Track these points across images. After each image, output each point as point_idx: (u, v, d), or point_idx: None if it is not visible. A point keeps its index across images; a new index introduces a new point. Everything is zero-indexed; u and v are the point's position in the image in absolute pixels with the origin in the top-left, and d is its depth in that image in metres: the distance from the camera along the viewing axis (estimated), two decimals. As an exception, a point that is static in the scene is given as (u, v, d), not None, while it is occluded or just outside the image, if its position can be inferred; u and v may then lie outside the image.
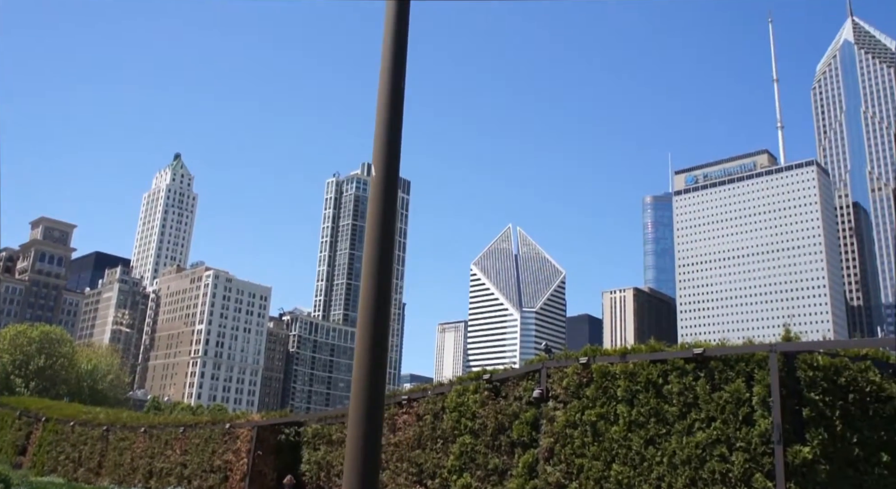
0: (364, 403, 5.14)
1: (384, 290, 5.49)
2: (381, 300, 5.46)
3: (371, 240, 5.61)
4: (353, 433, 5.12)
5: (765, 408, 10.16)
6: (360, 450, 5.02)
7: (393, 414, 15.93)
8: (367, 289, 5.59)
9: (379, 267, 5.53)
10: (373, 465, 5.08)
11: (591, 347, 12.72)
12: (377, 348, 5.35)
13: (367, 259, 5.62)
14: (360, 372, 5.31)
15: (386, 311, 5.47)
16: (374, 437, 5.14)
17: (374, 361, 5.29)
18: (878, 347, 11.11)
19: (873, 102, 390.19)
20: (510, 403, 13.46)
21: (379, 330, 5.38)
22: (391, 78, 5.87)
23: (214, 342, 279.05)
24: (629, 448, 11.46)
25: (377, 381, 5.25)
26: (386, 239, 5.60)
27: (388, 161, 5.72)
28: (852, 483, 9.64)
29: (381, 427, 5.30)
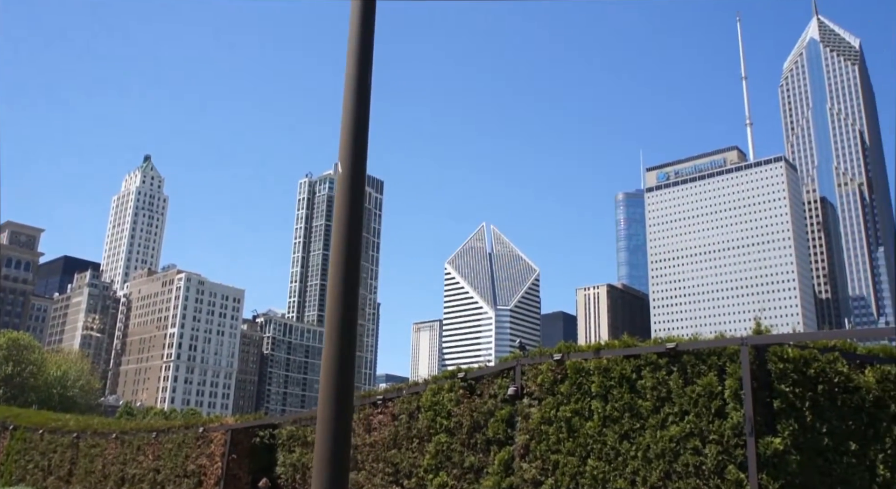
0: (333, 405, 5.09)
1: (351, 290, 5.43)
2: (349, 300, 5.40)
3: (338, 239, 5.55)
4: (321, 435, 5.06)
5: (737, 401, 10.25)
6: (328, 451, 4.97)
7: (368, 414, 15.85)
8: (334, 289, 5.53)
9: (346, 266, 5.48)
10: (342, 466, 5.02)
11: (564, 344, 12.76)
12: (345, 348, 5.29)
13: (335, 258, 5.56)
14: (328, 373, 5.26)
15: (353, 311, 5.40)
16: (343, 438, 5.09)
17: (343, 362, 5.23)
18: (845, 339, 11.28)
19: (839, 99, 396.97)
20: (485, 401, 13.45)
21: (346, 330, 5.32)
22: (357, 75, 5.82)
23: (187, 346, 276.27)
24: (604, 443, 11.50)
25: (345, 382, 5.20)
26: (353, 237, 5.55)
27: (355, 159, 5.67)
28: (822, 472, 9.77)
29: (350, 428, 5.25)
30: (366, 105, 5.76)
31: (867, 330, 29.02)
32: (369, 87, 5.82)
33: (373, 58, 5.92)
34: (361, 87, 5.79)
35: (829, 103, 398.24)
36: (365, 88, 5.79)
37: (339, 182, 5.66)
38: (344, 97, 5.76)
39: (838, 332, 12.00)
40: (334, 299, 5.51)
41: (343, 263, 5.50)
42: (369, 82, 5.82)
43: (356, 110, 5.72)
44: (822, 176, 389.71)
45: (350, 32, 5.98)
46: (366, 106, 5.76)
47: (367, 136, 5.76)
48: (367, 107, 5.78)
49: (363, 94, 5.78)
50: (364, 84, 5.79)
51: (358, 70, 5.82)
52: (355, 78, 5.80)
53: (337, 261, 5.55)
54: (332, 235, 5.64)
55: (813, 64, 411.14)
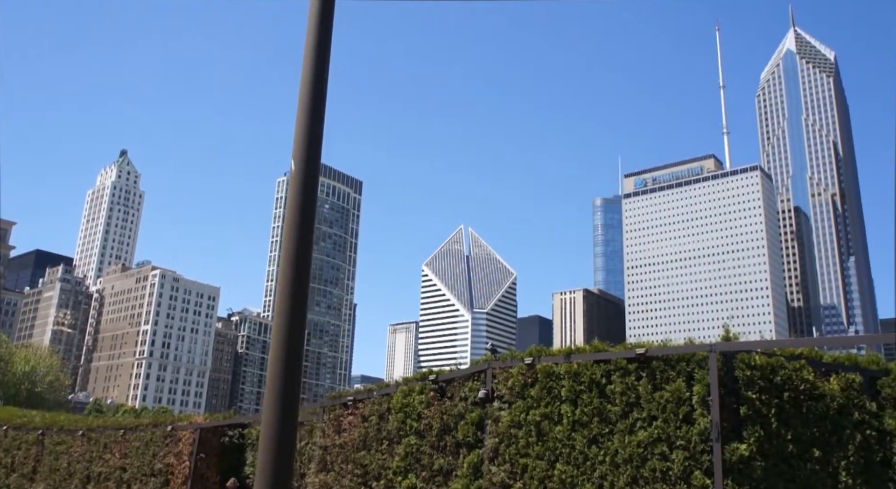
0: (278, 408, 4.98)
1: (300, 290, 5.34)
2: (297, 301, 5.31)
3: (289, 238, 5.45)
4: (265, 435, 4.97)
5: (704, 407, 10.32)
6: (272, 452, 4.88)
7: (338, 415, 15.78)
8: (284, 289, 5.43)
9: (296, 266, 5.39)
10: (286, 469, 4.93)
11: (536, 348, 12.77)
12: (292, 350, 5.19)
13: (285, 258, 5.46)
14: (274, 374, 5.16)
15: (302, 312, 5.31)
16: (289, 441, 4.99)
17: (289, 364, 5.14)
18: (812, 346, 11.40)
19: (814, 110, 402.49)
20: (456, 404, 13.44)
21: (295, 330, 5.23)
22: (312, 73, 5.76)
23: (160, 343, 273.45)
24: (573, 447, 11.53)
25: (291, 384, 5.11)
26: (304, 237, 5.46)
27: (308, 158, 5.59)
28: (786, 478, 9.87)
29: (295, 433, 5.17)
30: (321, 103, 5.69)
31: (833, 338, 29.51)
32: (325, 85, 5.74)
33: (329, 56, 5.85)
34: (317, 85, 5.72)
35: (805, 114, 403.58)
36: (320, 86, 5.72)
37: (292, 180, 5.60)
38: (299, 95, 5.69)
39: (805, 340, 12.10)
40: (283, 300, 5.42)
41: (293, 263, 5.42)
42: (325, 81, 5.75)
43: (310, 108, 5.65)
44: (797, 186, 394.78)
45: (308, 30, 5.91)
46: (321, 104, 5.69)
47: (322, 134, 5.69)
48: (323, 105, 5.71)
49: (318, 92, 5.71)
50: (319, 82, 5.72)
51: (314, 68, 5.75)
52: (311, 76, 5.73)
53: (287, 261, 5.46)
54: (284, 235, 5.56)
55: (789, 75, 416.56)
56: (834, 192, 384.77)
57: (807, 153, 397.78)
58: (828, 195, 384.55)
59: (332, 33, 5.92)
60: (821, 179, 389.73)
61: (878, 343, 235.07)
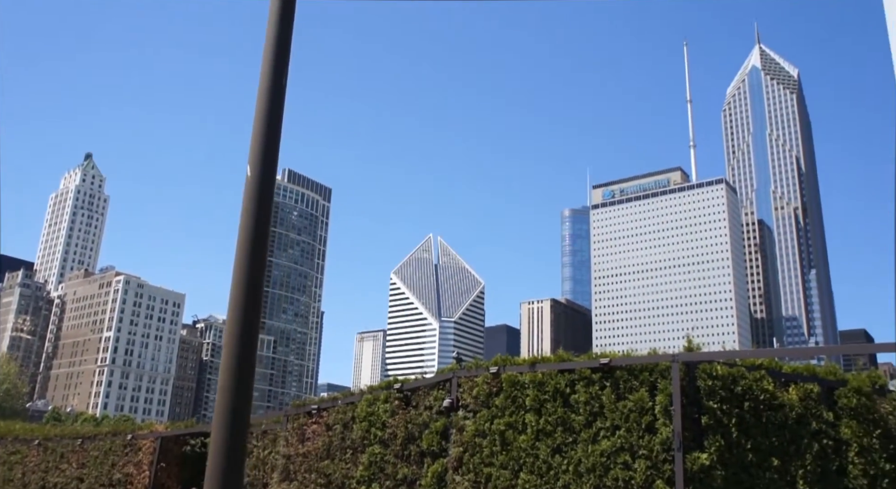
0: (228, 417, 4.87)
1: (254, 298, 5.24)
2: (251, 309, 5.19)
3: (242, 244, 5.36)
4: (215, 444, 4.87)
5: (666, 417, 10.41)
6: (222, 462, 4.79)
7: (302, 423, 15.63)
8: (236, 298, 5.29)
9: (249, 272, 5.29)
10: (236, 479, 4.84)
11: (501, 357, 12.80)
12: (245, 358, 5.07)
13: (238, 264, 5.35)
14: (224, 384, 5.06)
15: (255, 321, 5.20)
16: (239, 451, 4.89)
17: (241, 371, 5.03)
18: (772, 357, 11.59)
19: (777, 126, 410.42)
20: (420, 413, 13.40)
21: (247, 338, 5.12)
22: (271, 76, 5.70)
23: (123, 350, 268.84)
24: (536, 456, 11.55)
25: (243, 393, 4.99)
26: (258, 243, 5.38)
27: (265, 163, 5.52)
28: (745, 487, 9.99)
29: (245, 444, 5.07)
30: (278, 107, 5.63)
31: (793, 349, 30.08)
32: (283, 89, 5.69)
33: (288, 59, 5.81)
34: (275, 88, 5.66)
35: (769, 129, 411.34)
36: (278, 90, 5.66)
37: (247, 186, 5.52)
38: (257, 99, 5.63)
39: (765, 351, 12.30)
40: (235, 309, 5.31)
41: (247, 271, 5.32)
42: (283, 85, 5.70)
43: (268, 113, 5.59)
44: (761, 199, 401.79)
45: (267, 33, 5.86)
46: (279, 108, 5.64)
47: (279, 139, 5.62)
48: (281, 109, 5.65)
49: (276, 96, 5.65)
50: (277, 86, 5.67)
51: (271, 72, 5.70)
52: (268, 79, 5.67)
53: (240, 269, 5.35)
54: (237, 242, 5.46)
55: (754, 91, 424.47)
56: (796, 206, 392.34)
57: (770, 167, 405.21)
58: (790, 209, 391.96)
59: (290, 36, 5.86)
60: (784, 193, 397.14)
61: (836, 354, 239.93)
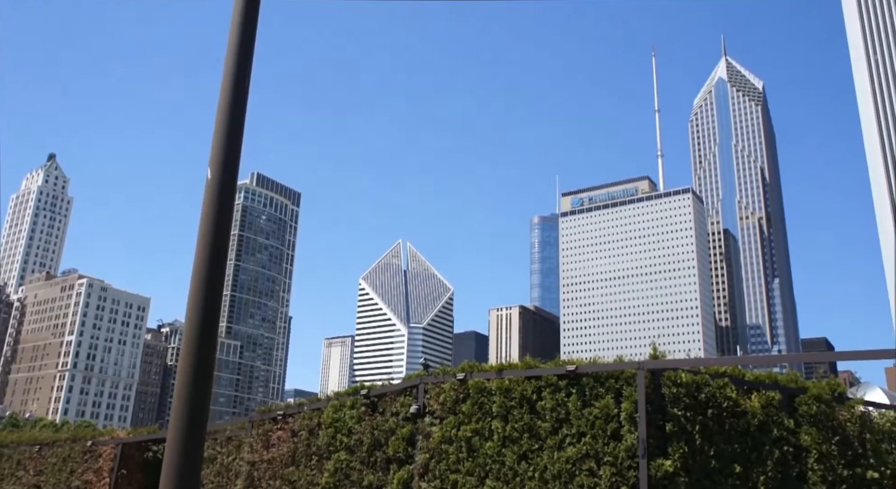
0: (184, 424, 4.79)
1: (213, 303, 5.16)
2: (209, 315, 5.12)
3: (202, 247, 5.27)
4: (170, 451, 4.78)
5: (631, 424, 10.48)
6: (177, 470, 4.70)
7: (267, 430, 15.48)
8: (195, 302, 5.20)
9: (209, 276, 5.21)
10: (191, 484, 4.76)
11: (468, 363, 12.80)
12: (203, 364, 5.01)
13: (197, 268, 5.26)
14: (181, 389, 4.97)
15: (213, 327, 5.13)
16: (194, 458, 4.81)
17: (198, 377, 4.95)
18: (735, 365, 11.75)
19: (743, 137, 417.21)
20: (387, 419, 13.34)
21: (206, 341, 5.06)
22: (233, 79, 5.66)
23: (85, 354, 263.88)
24: (503, 463, 11.56)
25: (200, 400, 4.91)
26: (218, 246, 5.30)
27: (226, 165, 5.45)
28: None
29: (202, 450, 5.00)
30: (241, 110, 5.57)
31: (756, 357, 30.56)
32: (246, 92, 5.63)
33: (251, 62, 5.75)
34: (237, 91, 5.60)
35: (734, 140, 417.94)
36: (240, 93, 5.61)
37: (207, 189, 5.44)
38: (219, 101, 5.56)
39: (729, 359, 12.47)
40: (194, 314, 5.24)
41: (205, 276, 5.24)
42: (246, 87, 5.64)
43: (230, 115, 5.52)
44: (726, 209, 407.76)
45: (230, 37, 5.80)
46: (241, 111, 5.57)
47: (241, 142, 5.56)
48: (243, 112, 5.59)
49: (238, 99, 5.59)
50: (240, 88, 5.61)
51: (234, 74, 5.64)
52: (231, 81, 5.61)
53: (199, 274, 5.27)
54: (196, 246, 5.37)
55: (721, 102, 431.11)
56: (760, 216, 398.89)
57: (736, 178, 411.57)
58: (755, 219, 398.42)
59: (254, 39, 5.80)
60: (748, 203, 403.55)
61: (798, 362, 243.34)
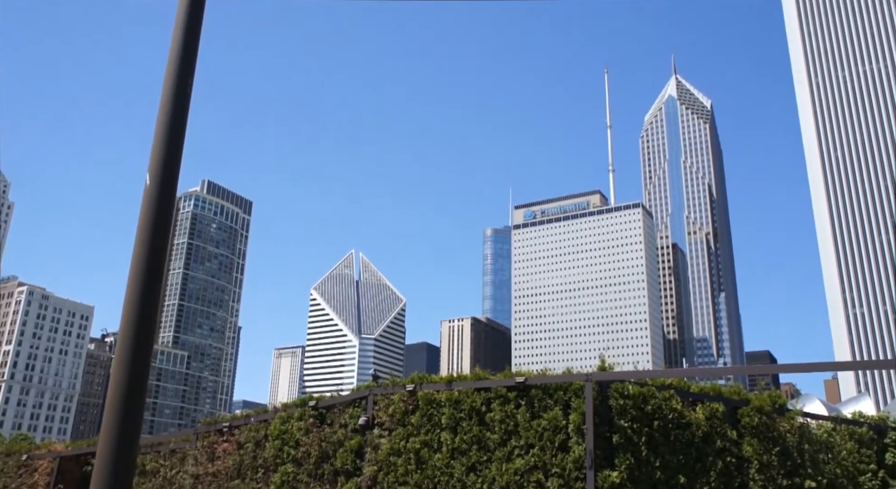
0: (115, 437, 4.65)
1: (149, 314, 5.06)
2: (145, 325, 5.00)
3: (139, 255, 5.15)
4: (99, 466, 4.63)
5: (579, 435, 10.55)
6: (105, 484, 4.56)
7: (212, 442, 15.16)
8: (129, 313, 5.08)
9: (145, 284, 5.09)
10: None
11: (417, 375, 12.76)
12: (136, 372, 4.88)
13: (133, 276, 5.15)
14: (113, 400, 4.84)
15: (150, 333, 5.03)
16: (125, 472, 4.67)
17: (130, 389, 4.81)
18: (681, 377, 11.95)
19: (691, 153, 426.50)
20: (335, 431, 13.20)
21: (141, 349, 4.94)
22: (175, 82, 5.56)
23: (24, 365, 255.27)
24: (451, 475, 11.52)
25: (132, 413, 4.76)
26: (156, 254, 5.18)
27: (165, 172, 5.34)
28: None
29: (134, 463, 4.85)
30: (182, 115, 5.47)
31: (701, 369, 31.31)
32: (187, 96, 5.54)
33: (194, 66, 5.65)
34: (178, 95, 5.50)
35: (683, 156, 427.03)
36: (182, 97, 5.51)
37: (145, 196, 5.32)
38: (160, 105, 5.46)
39: (674, 371, 12.70)
40: (128, 321, 5.11)
41: (142, 281, 5.13)
42: (187, 91, 5.55)
43: (170, 119, 5.42)
44: (675, 224, 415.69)
45: (171, 43, 5.70)
46: (182, 116, 5.47)
47: (181, 148, 5.45)
48: (184, 117, 5.49)
49: (180, 103, 5.49)
50: (181, 92, 5.51)
51: (175, 78, 5.54)
52: (172, 85, 5.52)
53: (134, 283, 5.14)
54: (132, 254, 5.23)
55: (670, 119, 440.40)
56: (708, 231, 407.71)
57: (684, 193, 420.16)
58: (702, 234, 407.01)
59: (197, 42, 5.71)
60: (696, 218, 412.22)
61: (742, 374, 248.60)
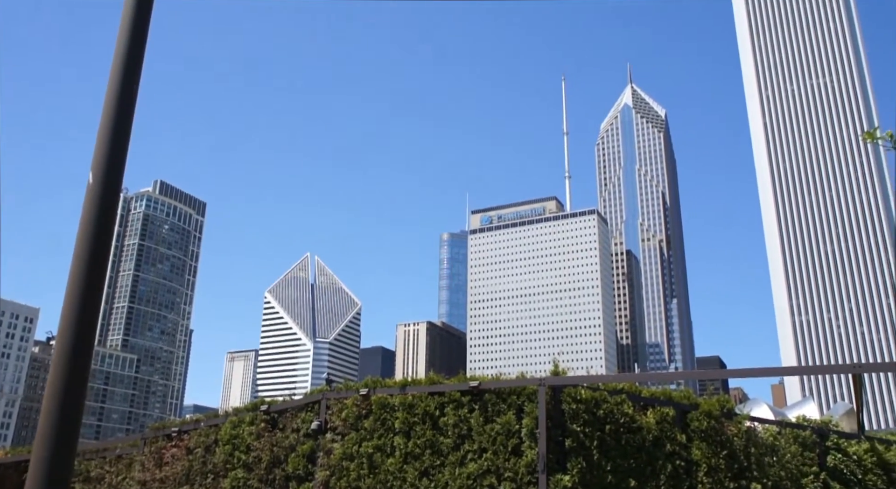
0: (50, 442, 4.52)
1: (90, 315, 4.92)
2: (85, 327, 4.86)
3: (80, 255, 5.01)
4: (34, 473, 4.49)
5: (532, 440, 10.61)
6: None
7: (160, 447, 14.84)
8: (67, 316, 4.93)
9: (86, 285, 4.95)
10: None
11: (371, 379, 12.69)
12: (75, 372, 4.74)
13: (73, 277, 5.01)
14: (49, 403, 4.70)
15: (90, 339, 4.89)
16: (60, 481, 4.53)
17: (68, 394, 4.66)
18: (633, 382, 12.11)
19: (646, 162, 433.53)
20: (287, 435, 13.04)
21: (81, 352, 4.79)
22: (120, 81, 5.41)
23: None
24: (404, 480, 11.47)
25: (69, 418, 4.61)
26: (98, 255, 5.04)
27: (109, 170, 5.20)
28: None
29: (71, 467, 4.71)
30: (127, 111, 5.34)
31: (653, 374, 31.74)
32: (134, 92, 5.41)
33: (141, 63, 5.54)
34: (124, 92, 5.37)
35: (638, 164, 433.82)
36: (128, 94, 5.38)
37: (87, 194, 5.19)
38: (105, 101, 5.32)
39: (626, 376, 12.89)
40: (68, 322, 4.97)
41: (83, 282, 4.99)
42: (134, 88, 5.42)
43: (115, 116, 5.28)
44: (629, 230, 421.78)
45: (118, 38, 5.57)
46: (127, 112, 5.34)
47: (127, 145, 5.32)
48: (130, 114, 5.36)
49: (125, 100, 5.35)
50: (127, 89, 5.38)
51: (121, 74, 5.41)
52: (118, 82, 5.39)
53: (76, 280, 5.01)
54: (73, 255, 5.09)
55: (626, 127, 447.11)
56: (661, 238, 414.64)
57: (639, 201, 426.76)
58: (656, 241, 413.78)
59: (145, 38, 5.59)
60: (650, 226, 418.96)
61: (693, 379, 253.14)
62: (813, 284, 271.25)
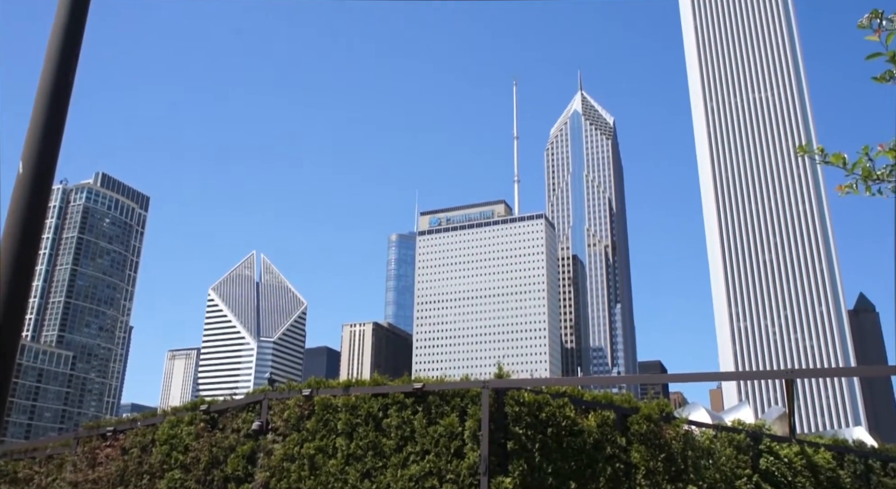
0: None
1: (17, 313, 4.78)
2: (12, 322, 4.72)
3: (8, 249, 4.85)
4: None
5: (475, 442, 10.65)
6: None
7: (94, 447, 14.41)
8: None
9: (15, 281, 4.79)
10: None
11: (315, 379, 12.57)
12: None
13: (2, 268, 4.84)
14: None
15: (16, 333, 4.73)
16: None
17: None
18: (576, 385, 12.24)
19: (594, 168, 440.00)
20: (227, 436, 12.81)
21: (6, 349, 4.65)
22: (56, 66, 5.25)
23: None
24: (345, 481, 11.39)
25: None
26: (28, 249, 4.89)
27: (41, 160, 5.03)
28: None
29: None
30: (63, 102, 5.16)
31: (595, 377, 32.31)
32: (69, 81, 5.24)
33: (78, 53, 5.37)
34: (58, 79, 5.20)
35: (586, 170, 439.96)
36: (63, 82, 5.20)
37: (17, 184, 5.00)
38: (37, 91, 5.13)
39: (568, 380, 12.98)
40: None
41: (9, 276, 4.83)
42: (70, 76, 5.24)
43: (48, 104, 5.10)
44: (576, 235, 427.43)
45: (54, 25, 5.40)
46: (62, 101, 5.17)
47: (60, 135, 5.15)
48: (65, 104, 5.18)
49: (60, 90, 5.18)
50: (62, 77, 5.21)
51: (56, 62, 5.23)
52: (52, 71, 5.22)
53: (3, 274, 4.84)
54: (3, 243, 4.90)
55: (575, 133, 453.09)
56: (607, 244, 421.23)
57: (586, 206, 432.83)
58: (601, 246, 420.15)
59: (82, 30, 5.42)
60: (596, 231, 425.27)
61: (634, 383, 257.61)
62: (751, 292, 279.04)
